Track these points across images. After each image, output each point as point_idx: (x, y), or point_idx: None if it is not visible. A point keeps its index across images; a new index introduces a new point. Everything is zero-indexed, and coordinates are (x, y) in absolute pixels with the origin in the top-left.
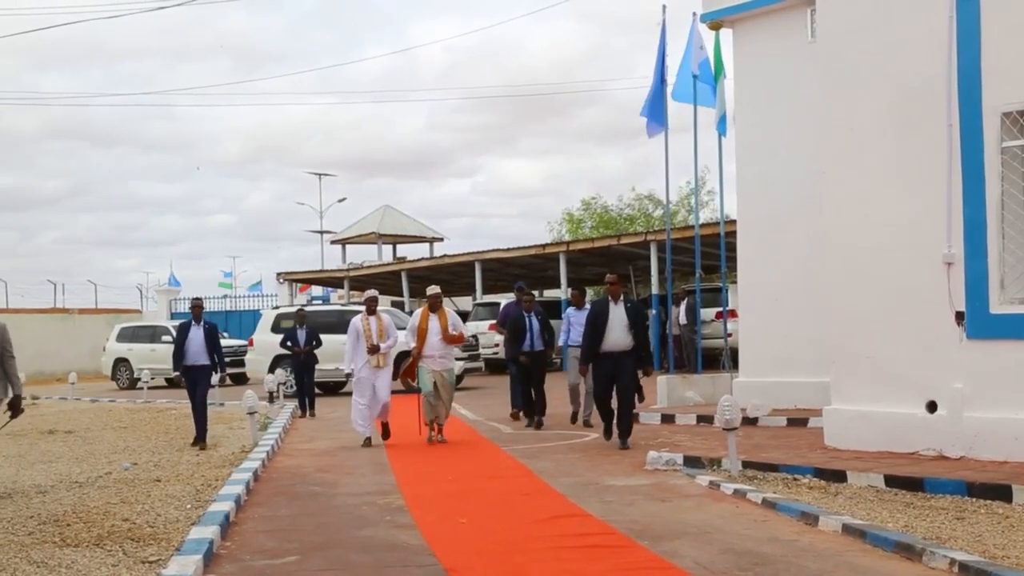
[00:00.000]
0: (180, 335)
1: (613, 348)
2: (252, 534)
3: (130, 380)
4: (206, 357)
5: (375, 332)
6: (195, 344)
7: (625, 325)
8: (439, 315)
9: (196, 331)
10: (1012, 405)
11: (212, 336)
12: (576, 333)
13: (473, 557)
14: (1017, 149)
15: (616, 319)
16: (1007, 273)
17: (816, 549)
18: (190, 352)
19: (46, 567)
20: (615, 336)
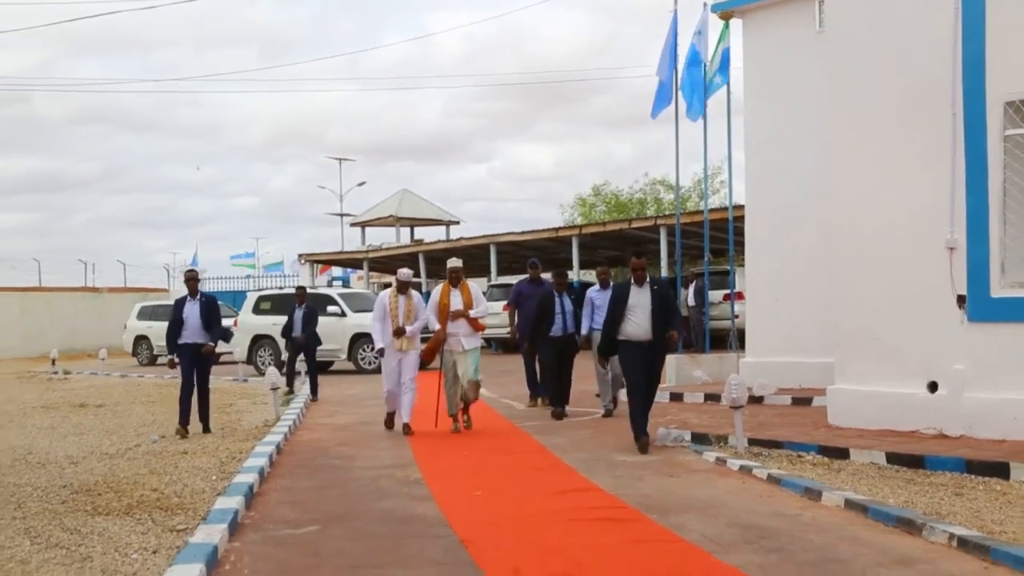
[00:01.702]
0: (175, 312)
1: (633, 337)
2: (275, 505)
3: (150, 357)
4: (203, 335)
5: (402, 312)
6: (191, 321)
7: (649, 311)
8: (461, 290)
9: (192, 307)
10: (1011, 386)
11: (210, 311)
12: (601, 316)
13: (488, 528)
14: (1020, 137)
15: (639, 304)
16: (1008, 258)
17: (819, 523)
18: (186, 330)
19: (79, 534)
20: (639, 324)
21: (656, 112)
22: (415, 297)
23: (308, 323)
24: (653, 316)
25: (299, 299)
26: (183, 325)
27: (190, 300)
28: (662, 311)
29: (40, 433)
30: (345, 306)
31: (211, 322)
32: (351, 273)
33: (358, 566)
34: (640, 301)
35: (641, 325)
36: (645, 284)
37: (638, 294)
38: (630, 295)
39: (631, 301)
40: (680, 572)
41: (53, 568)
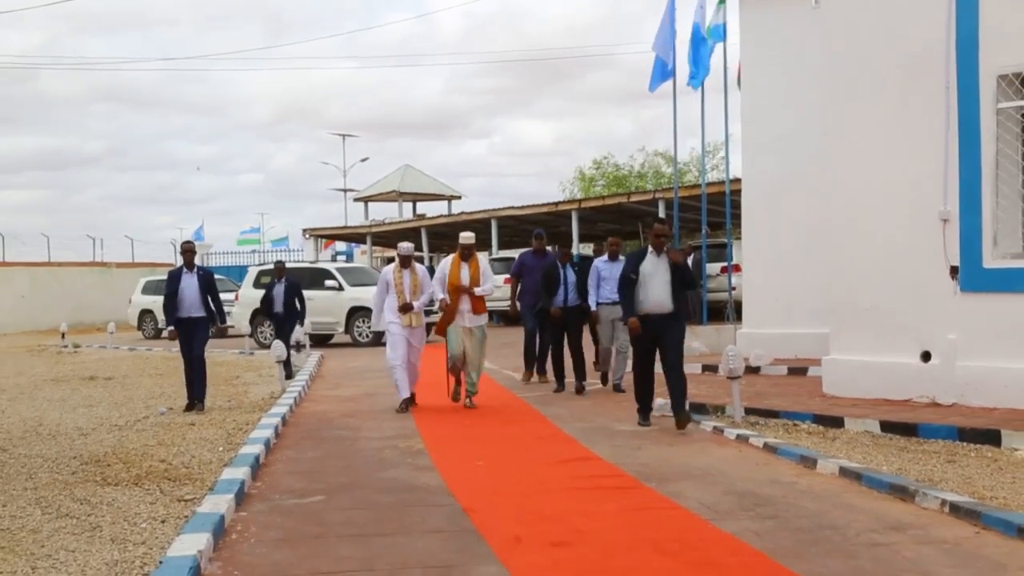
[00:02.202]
0: (170, 285)
1: (655, 309)
2: (281, 475)
3: (155, 331)
4: (201, 308)
5: (408, 287)
6: (189, 294)
7: (667, 280)
8: (470, 265)
9: (189, 279)
10: (1002, 355)
11: (208, 284)
12: (608, 289)
13: (490, 497)
14: (1012, 110)
15: (656, 274)
16: (1000, 229)
17: (814, 491)
18: (184, 303)
19: (88, 504)
20: (654, 295)
21: (654, 86)
22: (419, 270)
23: (290, 298)
24: (671, 287)
25: (278, 273)
26: (179, 298)
27: (187, 273)
28: (681, 282)
29: (50, 405)
30: (342, 280)
31: (211, 296)
32: (355, 248)
33: (363, 535)
34: (657, 270)
35: (660, 296)
36: (663, 253)
37: (654, 263)
38: (646, 262)
39: (648, 270)
40: (678, 539)
41: (64, 537)
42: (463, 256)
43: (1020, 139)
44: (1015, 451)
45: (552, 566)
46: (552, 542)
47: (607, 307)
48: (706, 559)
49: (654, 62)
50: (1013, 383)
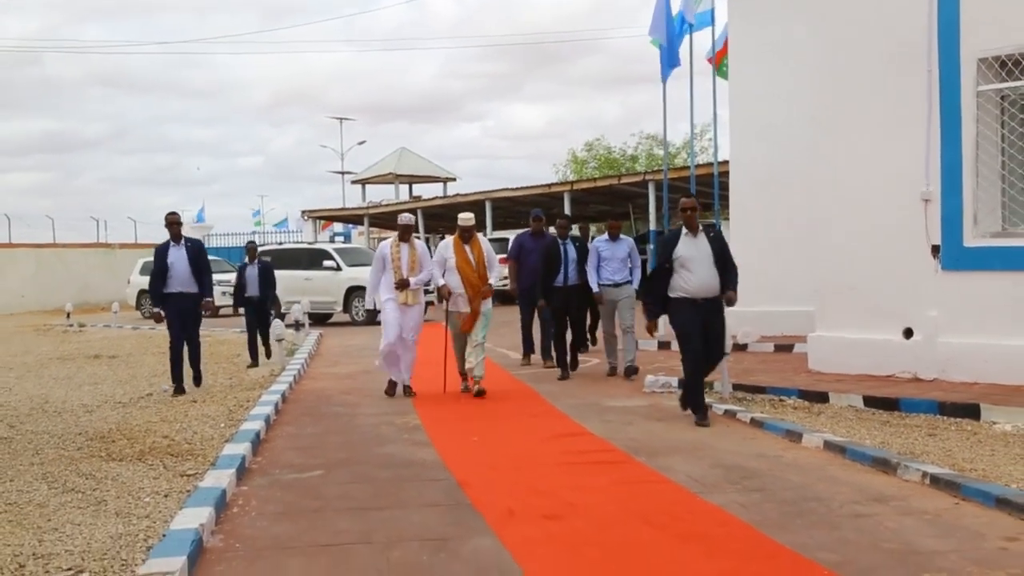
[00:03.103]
0: (158, 260)
1: (702, 293)
2: (281, 451)
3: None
4: (193, 284)
5: (405, 263)
6: (179, 268)
7: (711, 262)
8: (472, 247)
9: (177, 253)
10: (982, 331)
11: (198, 257)
12: (609, 271)
13: (484, 471)
14: (991, 92)
15: (699, 255)
16: (980, 209)
17: (799, 464)
18: (174, 279)
19: (94, 479)
20: (701, 278)
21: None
22: (419, 246)
23: (265, 282)
24: (716, 267)
25: (250, 255)
26: (168, 273)
27: (174, 246)
28: (723, 261)
29: (56, 383)
30: (340, 260)
31: (201, 269)
32: (352, 229)
33: (361, 508)
34: (698, 252)
35: (707, 278)
36: (700, 232)
37: (692, 244)
38: (680, 245)
39: (684, 252)
40: (667, 511)
41: (70, 511)
42: (463, 238)
43: (999, 121)
44: (994, 424)
45: (545, 538)
46: (545, 515)
47: (609, 288)
48: (694, 531)
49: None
50: (992, 359)
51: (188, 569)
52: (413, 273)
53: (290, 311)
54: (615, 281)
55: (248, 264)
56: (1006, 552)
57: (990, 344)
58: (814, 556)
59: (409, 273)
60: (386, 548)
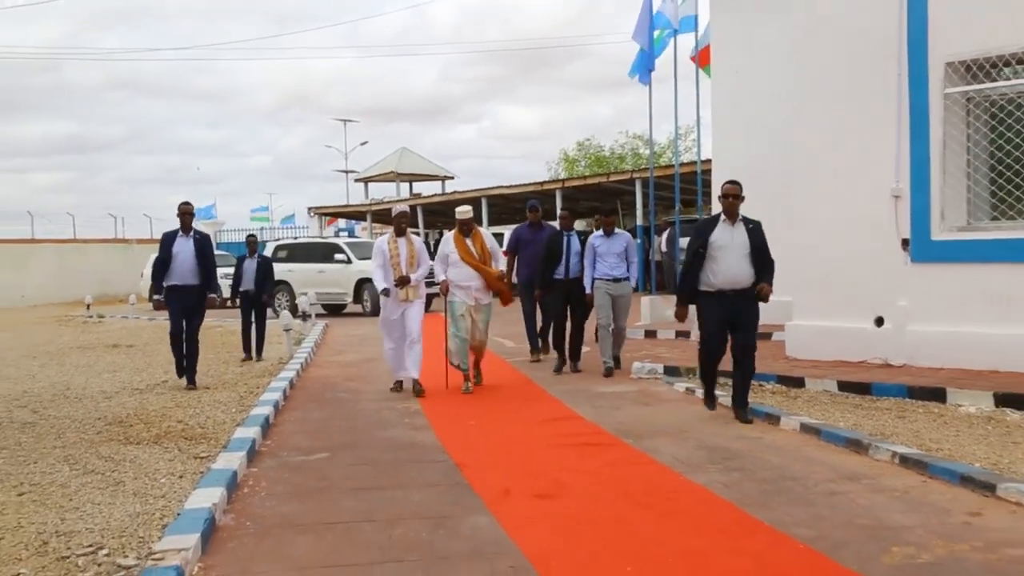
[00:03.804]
0: (164, 247)
1: (729, 285)
2: (289, 434)
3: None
4: (195, 276)
5: (404, 258)
6: (184, 259)
7: (746, 253)
8: (473, 239)
9: (184, 243)
10: (948, 319)
11: (204, 250)
12: (607, 266)
13: (481, 454)
14: (958, 95)
15: (734, 245)
16: (947, 205)
17: (777, 445)
18: (177, 270)
19: (112, 461)
20: (730, 269)
21: (644, 78)
22: (416, 241)
23: (264, 276)
24: (749, 260)
25: (250, 249)
26: (173, 263)
27: (182, 236)
28: (760, 255)
29: (77, 371)
30: (351, 254)
31: (206, 263)
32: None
33: (364, 488)
34: (731, 241)
35: (735, 270)
36: (739, 221)
37: (728, 232)
38: (716, 232)
39: (719, 241)
40: (653, 490)
41: (90, 492)
42: (463, 231)
43: (965, 121)
44: (959, 407)
45: (538, 516)
46: (538, 494)
47: (605, 283)
48: (678, 509)
49: (638, 53)
50: (957, 345)
51: (201, 546)
52: (412, 269)
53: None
54: (613, 276)
55: (247, 258)
56: (969, 527)
57: (956, 332)
58: (791, 532)
59: (408, 269)
60: (388, 526)
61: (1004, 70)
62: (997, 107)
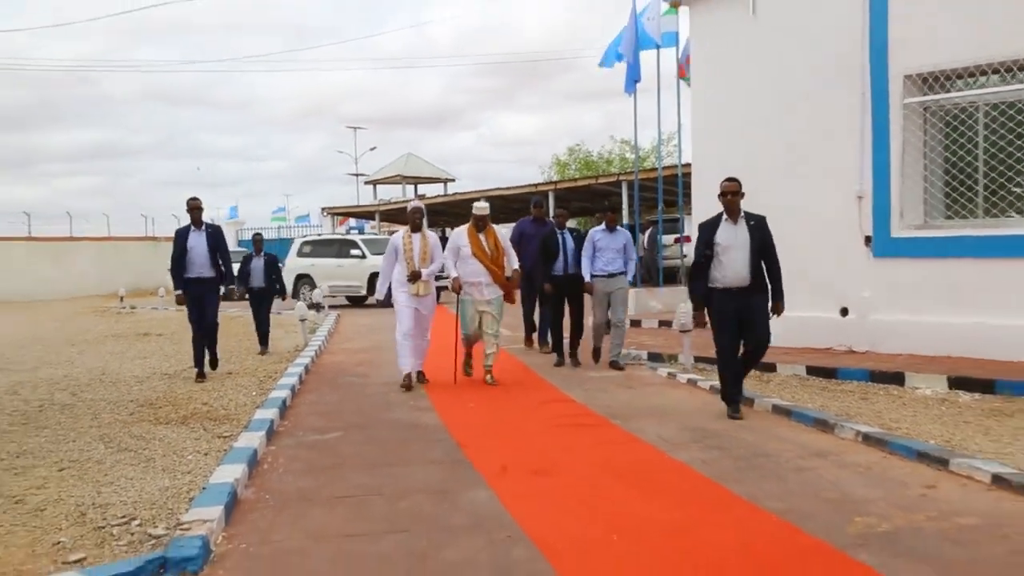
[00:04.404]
0: (178, 244)
1: (736, 283)
2: (304, 415)
3: None
4: (211, 268)
5: (418, 253)
6: (198, 253)
7: (747, 251)
8: (487, 235)
9: (197, 237)
10: (906, 309)
11: (217, 242)
12: (604, 261)
13: (480, 433)
14: (916, 105)
15: (736, 243)
16: (905, 205)
17: (751, 425)
18: (193, 263)
19: (144, 440)
20: (734, 267)
21: (629, 88)
22: (430, 237)
23: (271, 273)
24: (752, 258)
25: (256, 247)
26: (188, 257)
27: (195, 231)
28: (762, 253)
29: (112, 357)
30: (366, 249)
31: (220, 255)
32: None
33: (373, 465)
34: (735, 240)
35: (738, 268)
36: (740, 219)
37: (731, 231)
38: (720, 231)
39: (723, 241)
40: (638, 467)
41: (124, 468)
42: (478, 227)
43: (922, 129)
44: (916, 389)
45: (533, 491)
46: (533, 471)
47: (603, 279)
48: (662, 484)
49: (627, 67)
50: (915, 333)
51: (225, 517)
52: (425, 264)
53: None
54: (610, 271)
55: (254, 255)
56: (925, 498)
57: (913, 320)
58: (764, 505)
59: (421, 264)
60: (395, 499)
61: (957, 82)
62: (951, 116)
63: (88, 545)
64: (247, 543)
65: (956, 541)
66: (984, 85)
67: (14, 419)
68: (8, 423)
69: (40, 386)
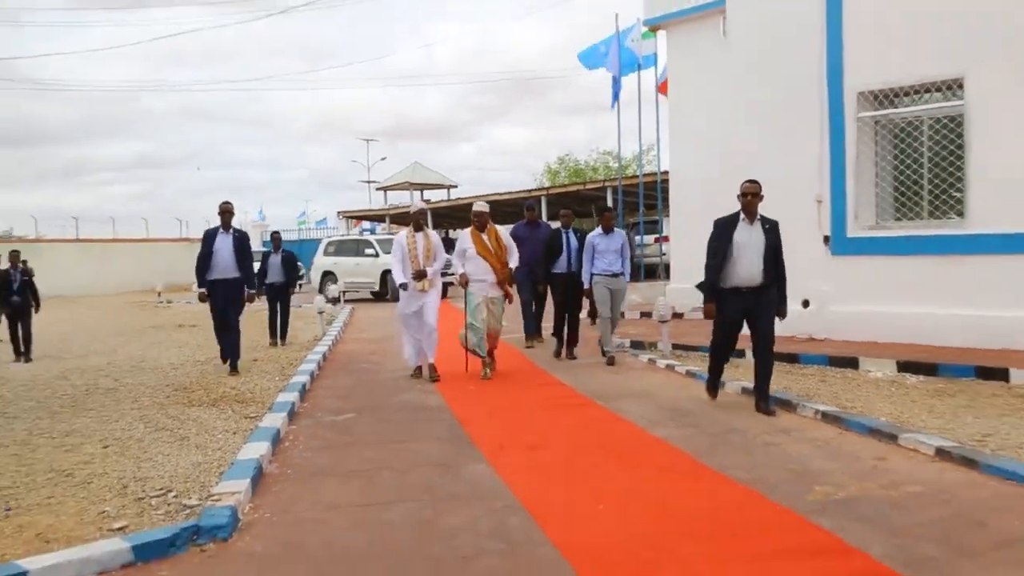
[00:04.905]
0: (205, 245)
1: (746, 283)
2: (322, 398)
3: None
4: (235, 270)
5: (422, 252)
6: (223, 255)
7: (761, 252)
8: (489, 234)
9: (224, 240)
10: (860, 301)
11: (243, 246)
12: (606, 262)
13: (480, 413)
14: (868, 118)
15: (751, 243)
16: (859, 208)
17: (723, 405)
18: (217, 265)
19: (179, 420)
20: (747, 267)
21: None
22: (432, 236)
23: (289, 270)
24: (765, 259)
25: (274, 245)
26: (213, 259)
27: (222, 233)
28: (774, 255)
29: (150, 346)
30: (379, 248)
31: (244, 258)
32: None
33: (384, 441)
34: (750, 240)
35: (751, 268)
36: (757, 221)
37: (748, 231)
38: (738, 232)
39: (741, 240)
40: (621, 443)
41: (161, 445)
42: (479, 226)
43: (874, 140)
44: (869, 373)
45: (527, 464)
46: (527, 446)
47: (604, 279)
48: (643, 457)
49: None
50: (868, 322)
51: (251, 489)
52: (428, 262)
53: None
54: (612, 272)
55: (272, 253)
56: (876, 469)
57: (867, 311)
58: (734, 475)
59: (425, 262)
60: (403, 472)
61: (904, 98)
62: (899, 128)
63: (130, 514)
64: (271, 512)
65: (903, 507)
66: (928, 101)
67: (64, 402)
68: (59, 405)
69: (87, 372)
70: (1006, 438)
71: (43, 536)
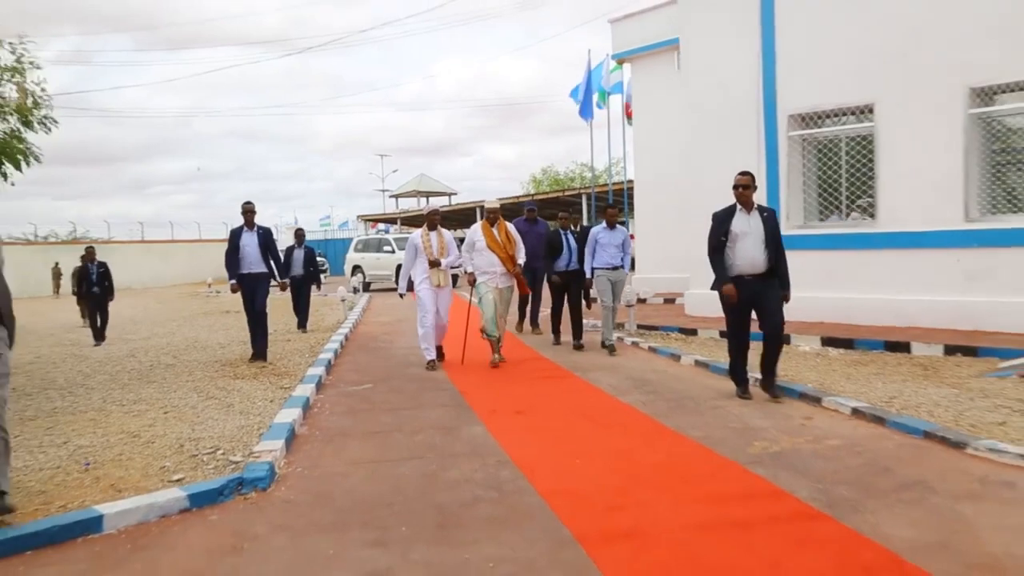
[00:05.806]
0: (232, 240)
1: (748, 270)
2: (344, 371)
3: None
4: (262, 264)
5: (435, 248)
6: (250, 251)
7: (762, 239)
8: (499, 228)
9: (249, 237)
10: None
11: (267, 241)
12: (607, 255)
13: (476, 383)
14: (797, 137)
15: (751, 232)
16: (791, 210)
17: (679, 375)
18: (245, 260)
19: (225, 391)
20: (749, 255)
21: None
22: (446, 234)
23: (309, 264)
24: (766, 245)
25: (298, 240)
26: (240, 254)
27: (247, 231)
28: (774, 242)
29: (202, 329)
30: (395, 246)
31: (270, 253)
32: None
33: (397, 408)
34: (750, 228)
35: (754, 256)
36: (754, 210)
37: (746, 220)
38: (735, 221)
39: (737, 228)
40: (595, 408)
41: (211, 411)
42: (491, 221)
43: (802, 155)
44: (799, 347)
45: (515, 426)
46: (515, 411)
47: (607, 271)
48: (612, 420)
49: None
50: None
51: (286, 448)
52: (443, 256)
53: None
54: (613, 265)
55: (295, 248)
56: (804, 427)
57: (798, 296)
58: (688, 434)
59: (439, 255)
60: (412, 434)
61: (826, 120)
62: (823, 145)
63: (185, 468)
64: (302, 467)
65: (825, 457)
66: (845, 123)
67: (132, 375)
68: (128, 378)
69: (150, 351)
70: (908, 399)
71: (116, 486)
